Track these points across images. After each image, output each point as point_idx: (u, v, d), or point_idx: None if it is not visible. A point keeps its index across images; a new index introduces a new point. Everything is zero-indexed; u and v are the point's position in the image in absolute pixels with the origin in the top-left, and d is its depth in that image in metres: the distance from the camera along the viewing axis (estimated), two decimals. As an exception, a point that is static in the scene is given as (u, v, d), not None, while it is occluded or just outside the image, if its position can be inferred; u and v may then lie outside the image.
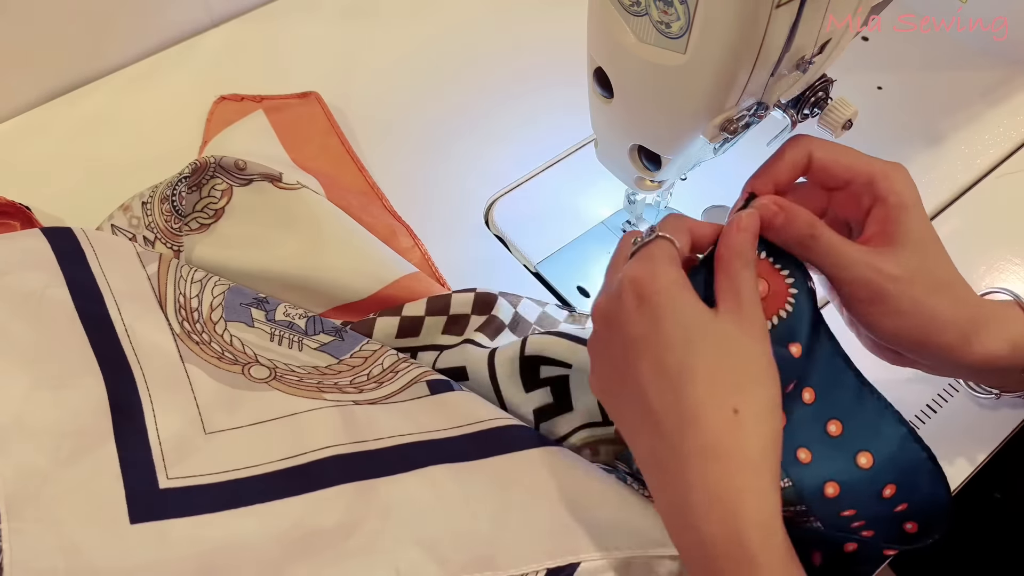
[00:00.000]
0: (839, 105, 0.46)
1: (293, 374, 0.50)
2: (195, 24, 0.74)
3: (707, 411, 0.34)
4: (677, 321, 0.36)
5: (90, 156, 0.65)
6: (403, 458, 0.46)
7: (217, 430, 0.46)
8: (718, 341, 0.35)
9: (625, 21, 0.41)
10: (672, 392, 0.35)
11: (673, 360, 0.35)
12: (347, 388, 0.50)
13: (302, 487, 0.44)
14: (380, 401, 0.49)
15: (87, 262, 0.51)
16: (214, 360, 0.49)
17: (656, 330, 0.36)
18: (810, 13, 0.39)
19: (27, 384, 0.44)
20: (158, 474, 0.43)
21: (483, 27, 0.75)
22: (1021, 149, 0.66)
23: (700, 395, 0.34)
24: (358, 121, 0.68)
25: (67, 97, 0.69)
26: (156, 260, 0.53)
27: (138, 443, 0.44)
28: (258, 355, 0.51)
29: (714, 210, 0.62)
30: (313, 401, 0.48)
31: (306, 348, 0.52)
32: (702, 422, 0.34)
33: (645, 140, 0.47)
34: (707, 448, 0.34)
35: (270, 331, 0.52)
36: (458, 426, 0.47)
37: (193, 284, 0.52)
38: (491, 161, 0.65)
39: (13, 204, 0.57)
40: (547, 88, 0.69)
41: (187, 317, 0.51)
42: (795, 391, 0.39)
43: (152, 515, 0.42)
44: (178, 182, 0.57)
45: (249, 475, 0.44)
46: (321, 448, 0.45)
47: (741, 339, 0.36)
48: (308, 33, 0.75)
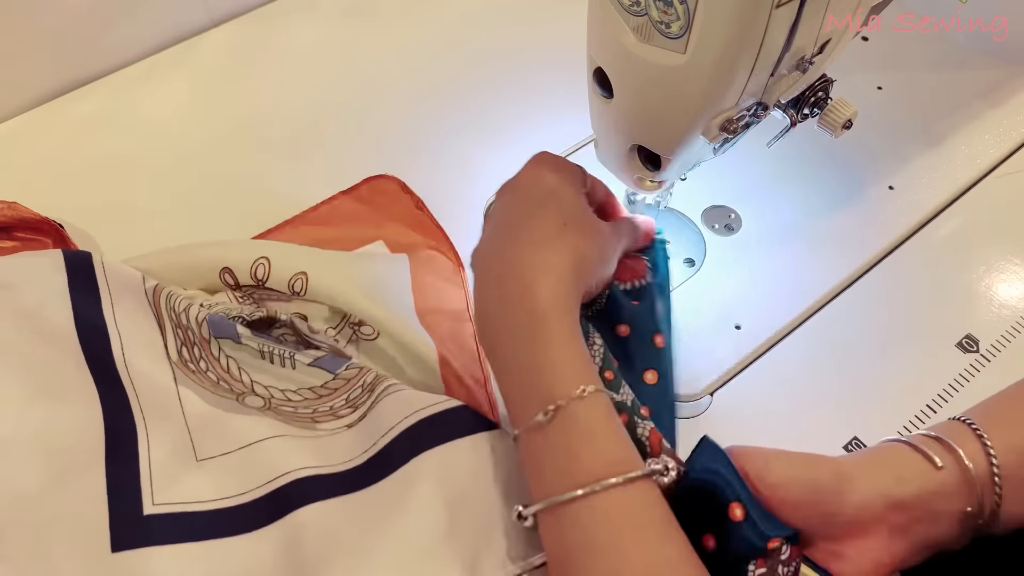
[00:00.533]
0: (839, 105, 0.47)
1: (288, 404, 0.50)
2: (195, 24, 0.74)
3: (545, 216, 0.44)
4: (561, 183, 0.46)
5: (90, 156, 0.65)
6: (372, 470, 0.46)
7: (208, 456, 0.46)
8: (578, 198, 0.46)
9: (625, 21, 0.41)
10: (527, 203, 0.45)
11: (540, 188, 0.45)
12: (342, 411, 0.49)
13: (277, 513, 0.44)
14: (369, 411, 0.48)
15: (97, 287, 0.50)
16: (209, 388, 0.49)
17: (535, 178, 0.46)
18: (810, 13, 0.39)
19: (21, 401, 0.44)
20: (144, 500, 0.43)
21: (483, 27, 0.75)
22: (1021, 149, 0.66)
23: (548, 208, 0.44)
24: (357, 121, 0.68)
25: (67, 97, 0.69)
26: (154, 285, 0.52)
27: (128, 467, 0.44)
28: (255, 383, 0.50)
29: (714, 210, 0.62)
30: (305, 431, 0.48)
31: (299, 365, 0.50)
32: (537, 219, 0.44)
33: (645, 140, 0.47)
34: (537, 238, 0.42)
35: (259, 347, 0.50)
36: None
37: (181, 303, 0.51)
38: (491, 161, 0.65)
39: (47, 220, 0.56)
40: (547, 88, 0.69)
41: (184, 340, 0.50)
42: (650, 333, 0.49)
43: (135, 543, 0.42)
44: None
45: (237, 503, 0.44)
46: (288, 472, 0.45)
47: (594, 215, 0.46)
48: (307, 33, 0.75)
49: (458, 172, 0.64)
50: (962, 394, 0.53)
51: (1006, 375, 0.54)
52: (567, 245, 0.42)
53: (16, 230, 0.56)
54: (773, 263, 0.59)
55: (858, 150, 0.65)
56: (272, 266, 0.53)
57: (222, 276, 0.53)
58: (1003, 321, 0.56)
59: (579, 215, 0.44)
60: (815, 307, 0.57)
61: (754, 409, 0.52)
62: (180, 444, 0.46)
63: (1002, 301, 0.57)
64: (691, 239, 0.61)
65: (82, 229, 0.59)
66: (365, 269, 0.55)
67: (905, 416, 0.52)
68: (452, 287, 0.57)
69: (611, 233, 0.47)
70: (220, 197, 0.63)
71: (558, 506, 0.37)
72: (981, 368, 0.54)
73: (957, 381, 0.54)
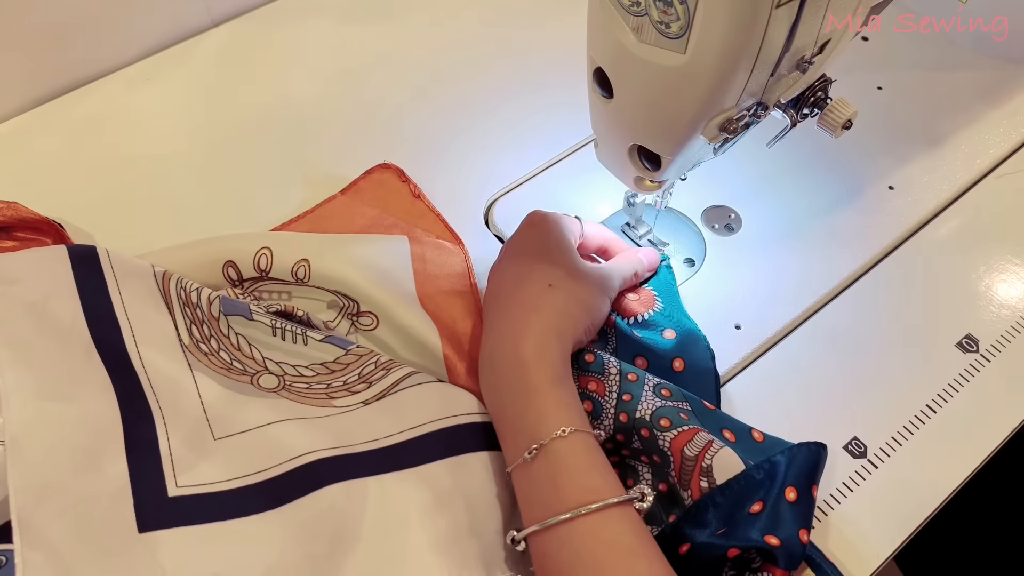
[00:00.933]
0: (839, 105, 0.46)
1: (302, 380, 0.50)
2: (195, 24, 0.74)
3: (533, 277, 0.49)
4: (550, 242, 0.51)
5: (90, 156, 0.65)
6: (387, 459, 0.46)
7: (225, 435, 0.46)
8: (564, 255, 0.50)
9: (625, 21, 0.41)
10: (520, 266, 0.50)
11: (530, 252, 0.51)
12: (356, 385, 0.50)
13: (297, 492, 0.44)
14: (388, 392, 0.49)
15: (103, 277, 0.50)
16: (223, 371, 0.49)
17: (527, 241, 0.52)
18: (810, 13, 0.39)
19: (36, 393, 0.44)
20: (167, 482, 0.44)
21: (483, 27, 0.75)
22: (1021, 149, 0.66)
23: (535, 271, 0.49)
24: (357, 121, 0.68)
25: (67, 97, 0.69)
26: (163, 271, 0.53)
27: (148, 452, 0.44)
28: (266, 359, 0.51)
29: (714, 210, 0.62)
30: (322, 409, 0.48)
31: (311, 341, 0.51)
32: (526, 282, 0.49)
33: (645, 140, 0.47)
34: (524, 300, 0.48)
35: (271, 323, 0.51)
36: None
37: (191, 285, 0.52)
38: (491, 161, 0.65)
39: (46, 220, 0.56)
40: (547, 88, 0.69)
41: (193, 318, 0.51)
42: (668, 360, 0.52)
43: (161, 524, 0.42)
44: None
45: (257, 481, 0.45)
46: (306, 453, 0.46)
47: (585, 264, 0.51)
48: (307, 33, 0.75)
49: (459, 172, 0.64)
50: (962, 394, 0.53)
51: (1006, 375, 0.54)
52: (549, 306, 0.48)
53: (16, 230, 0.56)
54: (773, 263, 0.59)
55: (858, 150, 0.65)
56: (275, 255, 0.54)
57: (225, 271, 0.54)
58: (1003, 321, 0.56)
59: (563, 274, 0.49)
60: (815, 307, 0.57)
61: (754, 409, 0.52)
62: (197, 426, 0.46)
63: (1002, 301, 0.57)
64: (691, 239, 0.61)
65: (82, 228, 0.59)
66: (365, 251, 0.56)
67: (905, 416, 0.52)
68: (454, 269, 0.57)
69: (600, 282, 0.51)
70: (220, 197, 0.63)
71: (544, 530, 0.41)
72: (981, 368, 0.54)
73: (957, 381, 0.54)
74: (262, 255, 0.53)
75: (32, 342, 0.46)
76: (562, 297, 0.48)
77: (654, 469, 0.48)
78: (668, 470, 0.46)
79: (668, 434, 0.45)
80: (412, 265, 0.56)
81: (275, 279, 0.54)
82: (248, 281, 0.54)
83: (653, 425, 0.46)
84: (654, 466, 0.48)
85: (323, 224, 0.60)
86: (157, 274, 0.52)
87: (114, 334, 0.48)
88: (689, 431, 0.45)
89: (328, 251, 0.54)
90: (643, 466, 0.48)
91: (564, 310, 0.48)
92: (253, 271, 0.54)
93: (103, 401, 0.45)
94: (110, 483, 0.43)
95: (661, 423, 0.46)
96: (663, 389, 0.48)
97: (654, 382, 0.48)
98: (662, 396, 0.47)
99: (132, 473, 0.43)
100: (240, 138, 0.67)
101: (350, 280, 0.53)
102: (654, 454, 0.46)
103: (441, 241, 0.59)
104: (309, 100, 0.70)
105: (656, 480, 0.47)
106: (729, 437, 0.47)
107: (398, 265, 0.56)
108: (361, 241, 0.57)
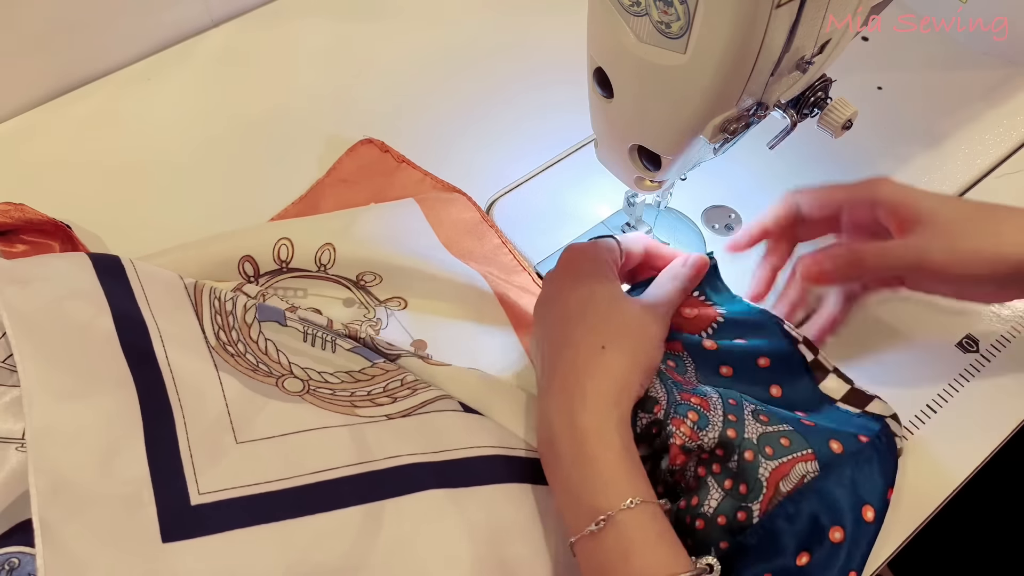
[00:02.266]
0: (839, 105, 0.46)
1: (326, 386, 0.50)
2: (195, 24, 0.74)
3: (581, 340, 0.47)
4: (594, 291, 0.49)
5: (90, 156, 0.65)
6: (409, 479, 0.46)
7: (249, 440, 0.46)
8: (612, 307, 0.48)
9: (625, 21, 0.41)
10: (568, 326, 0.48)
11: (577, 304, 0.49)
12: (380, 398, 0.49)
13: (317, 506, 0.44)
14: (412, 412, 0.49)
15: (128, 282, 0.50)
16: (248, 372, 0.49)
17: (571, 285, 0.49)
18: (810, 13, 0.39)
19: (58, 391, 0.43)
20: (188, 484, 0.43)
21: (483, 27, 0.75)
22: (1021, 149, 0.66)
23: (584, 330, 0.47)
24: (358, 121, 0.68)
25: (67, 97, 0.69)
26: (194, 282, 0.52)
27: (169, 451, 0.44)
28: (292, 364, 0.50)
29: (714, 210, 0.62)
30: (346, 417, 0.48)
31: (340, 349, 0.51)
32: (577, 345, 0.47)
33: (645, 140, 0.47)
34: (578, 366, 0.46)
35: (303, 329, 0.51)
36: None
37: (225, 294, 0.51)
38: (491, 161, 0.65)
39: (53, 222, 0.56)
40: (547, 88, 0.69)
41: (223, 325, 0.50)
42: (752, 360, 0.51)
43: (184, 534, 0.41)
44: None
45: (280, 488, 0.44)
46: (333, 468, 0.45)
47: (633, 309, 0.48)
48: (307, 33, 0.75)
49: (459, 171, 0.64)
50: (962, 394, 0.53)
51: (1006, 375, 0.54)
52: (603, 371, 0.46)
53: (23, 232, 0.56)
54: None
55: (858, 150, 0.65)
56: (295, 244, 0.53)
57: (240, 267, 0.53)
58: (1003, 321, 0.56)
59: (613, 331, 0.47)
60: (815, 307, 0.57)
61: (754, 409, 0.52)
62: (220, 427, 0.45)
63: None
64: (691, 239, 0.61)
65: (86, 229, 0.59)
66: (382, 220, 0.56)
67: (905, 416, 0.52)
68: (463, 215, 0.58)
69: (652, 323, 0.49)
70: (220, 197, 0.63)
71: None
72: (981, 368, 0.54)
73: (957, 381, 0.54)
74: (282, 245, 0.53)
75: (53, 339, 0.45)
76: (616, 359, 0.46)
77: (728, 495, 0.46)
78: (751, 502, 0.45)
79: (771, 463, 0.45)
80: (428, 219, 0.57)
81: (295, 269, 0.53)
82: (265, 276, 0.53)
83: (759, 450, 0.45)
84: (728, 493, 0.46)
85: (317, 208, 0.61)
86: (188, 285, 0.51)
87: (140, 334, 0.47)
88: (788, 462, 0.45)
89: (349, 229, 0.54)
90: (716, 489, 0.47)
91: (619, 373, 0.46)
92: (273, 263, 0.53)
93: (124, 400, 0.44)
94: (130, 486, 0.42)
95: (766, 450, 0.45)
96: (761, 415, 0.47)
97: (751, 407, 0.47)
98: (761, 422, 0.47)
99: (153, 477, 0.43)
100: (240, 138, 0.67)
101: (376, 256, 0.53)
102: (742, 482, 0.45)
103: (440, 194, 0.60)
104: (309, 100, 0.70)
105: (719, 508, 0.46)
106: (837, 449, 0.46)
107: (415, 227, 0.56)
108: (375, 212, 0.57)
